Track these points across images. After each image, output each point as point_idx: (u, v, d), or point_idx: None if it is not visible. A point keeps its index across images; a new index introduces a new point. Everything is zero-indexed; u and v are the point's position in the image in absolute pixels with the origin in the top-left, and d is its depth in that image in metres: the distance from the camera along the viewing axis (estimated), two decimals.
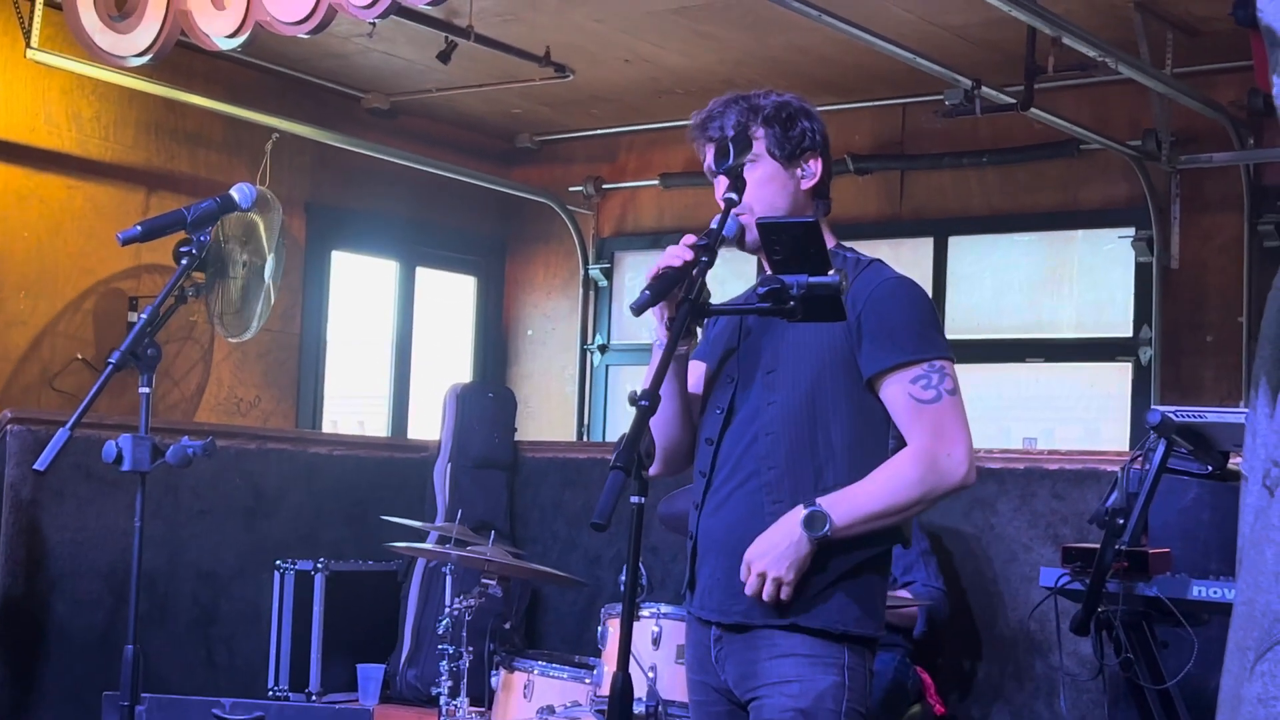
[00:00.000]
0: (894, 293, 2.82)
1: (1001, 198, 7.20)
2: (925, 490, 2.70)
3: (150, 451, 3.14)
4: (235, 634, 5.47)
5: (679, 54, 6.80)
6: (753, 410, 2.78)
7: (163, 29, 4.95)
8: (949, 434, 2.72)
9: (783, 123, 2.86)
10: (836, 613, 2.70)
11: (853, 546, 2.70)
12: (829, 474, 2.72)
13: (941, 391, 2.75)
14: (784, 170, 2.87)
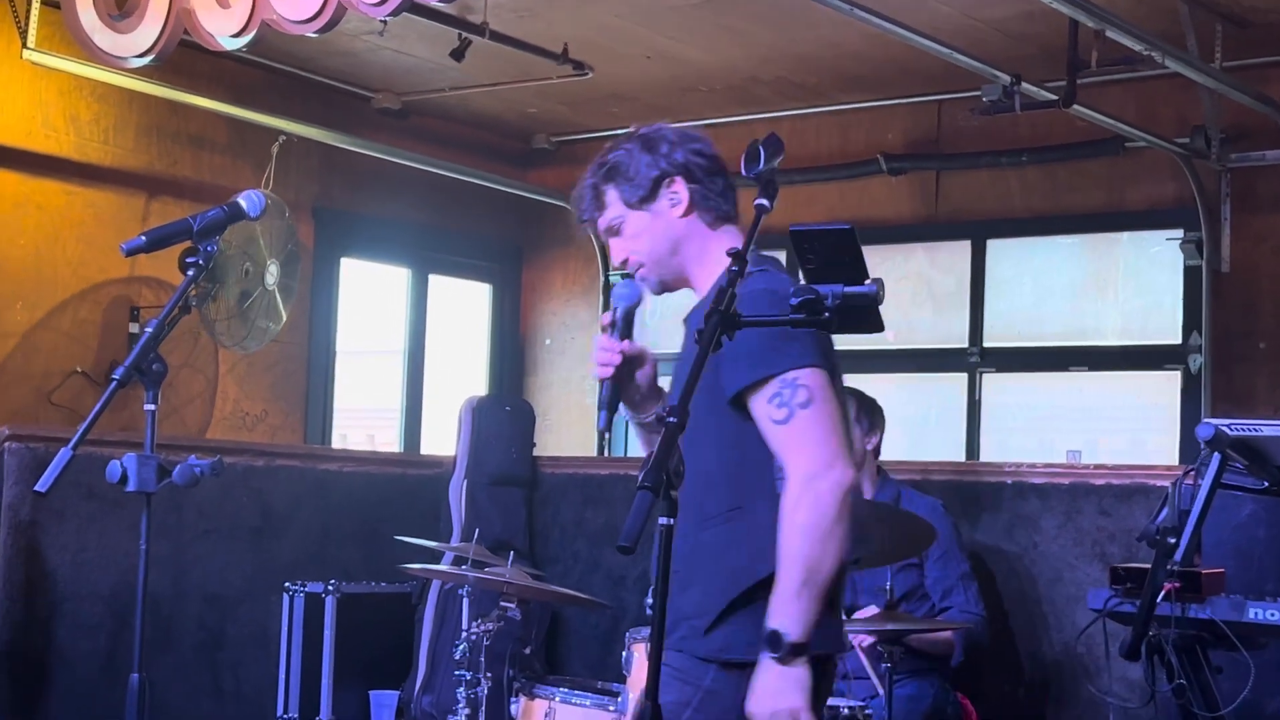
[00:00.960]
0: (749, 304, 2.71)
1: (1042, 198, 7.18)
2: (820, 523, 2.69)
3: (156, 471, 3.15)
4: (243, 659, 5.48)
5: (702, 50, 6.80)
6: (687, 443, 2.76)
7: (165, 28, 4.97)
8: (809, 451, 2.71)
9: (622, 173, 3.00)
10: (720, 640, 2.76)
11: (741, 576, 2.74)
12: (710, 503, 2.79)
13: (794, 408, 2.74)
14: (647, 214, 2.99)
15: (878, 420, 4.92)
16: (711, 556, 2.80)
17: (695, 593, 2.80)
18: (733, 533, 2.80)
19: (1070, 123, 6.54)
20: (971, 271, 7.32)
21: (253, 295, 6.61)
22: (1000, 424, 7.27)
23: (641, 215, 3.01)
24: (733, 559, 2.78)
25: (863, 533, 2.92)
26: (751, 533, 2.77)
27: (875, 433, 4.89)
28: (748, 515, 2.80)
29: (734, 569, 2.77)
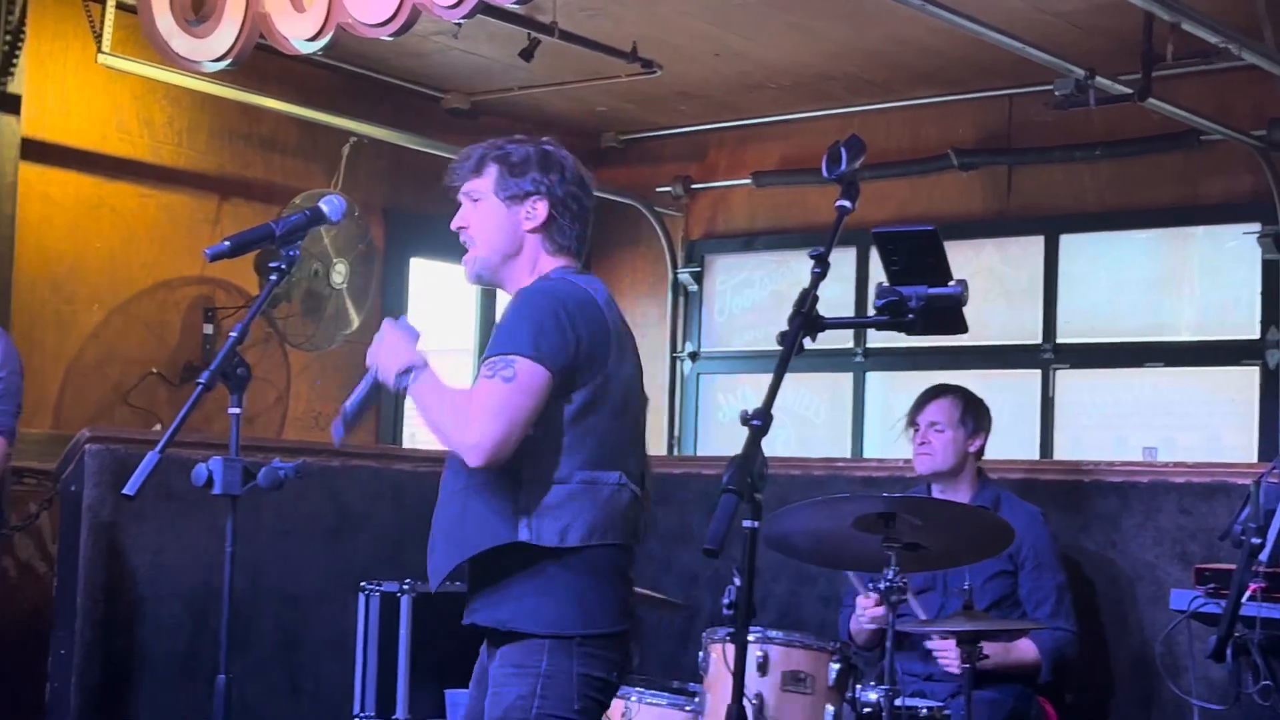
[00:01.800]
0: (517, 302, 3.17)
1: (1116, 193, 7.13)
2: (454, 429, 3.05)
3: (241, 474, 3.21)
4: (320, 659, 5.53)
5: (771, 47, 6.80)
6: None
7: (241, 32, 5.03)
8: (476, 416, 3.01)
9: (510, 166, 3.25)
10: (529, 615, 3.09)
11: (540, 554, 3.08)
12: (455, 479, 3.15)
13: (495, 374, 3.04)
14: (505, 210, 3.24)
15: (984, 423, 4.89)
16: (446, 526, 3.18)
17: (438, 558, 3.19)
18: (468, 503, 3.12)
19: (1144, 116, 6.49)
20: (1044, 267, 7.28)
21: (321, 295, 6.68)
22: (1074, 421, 7.22)
23: (499, 207, 3.24)
24: (469, 527, 3.12)
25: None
26: (489, 503, 3.09)
27: (979, 435, 4.86)
28: (483, 489, 3.10)
29: (467, 537, 3.12)
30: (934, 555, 4.15)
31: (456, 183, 3.29)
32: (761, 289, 8.14)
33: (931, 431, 4.83)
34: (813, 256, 2.71)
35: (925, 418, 4.87)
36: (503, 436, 3.00)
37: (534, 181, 3.24)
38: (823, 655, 4.17)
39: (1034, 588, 4.71)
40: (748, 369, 8.08)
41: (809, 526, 4.18)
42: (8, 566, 5.72)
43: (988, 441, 4.92)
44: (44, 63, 6.25)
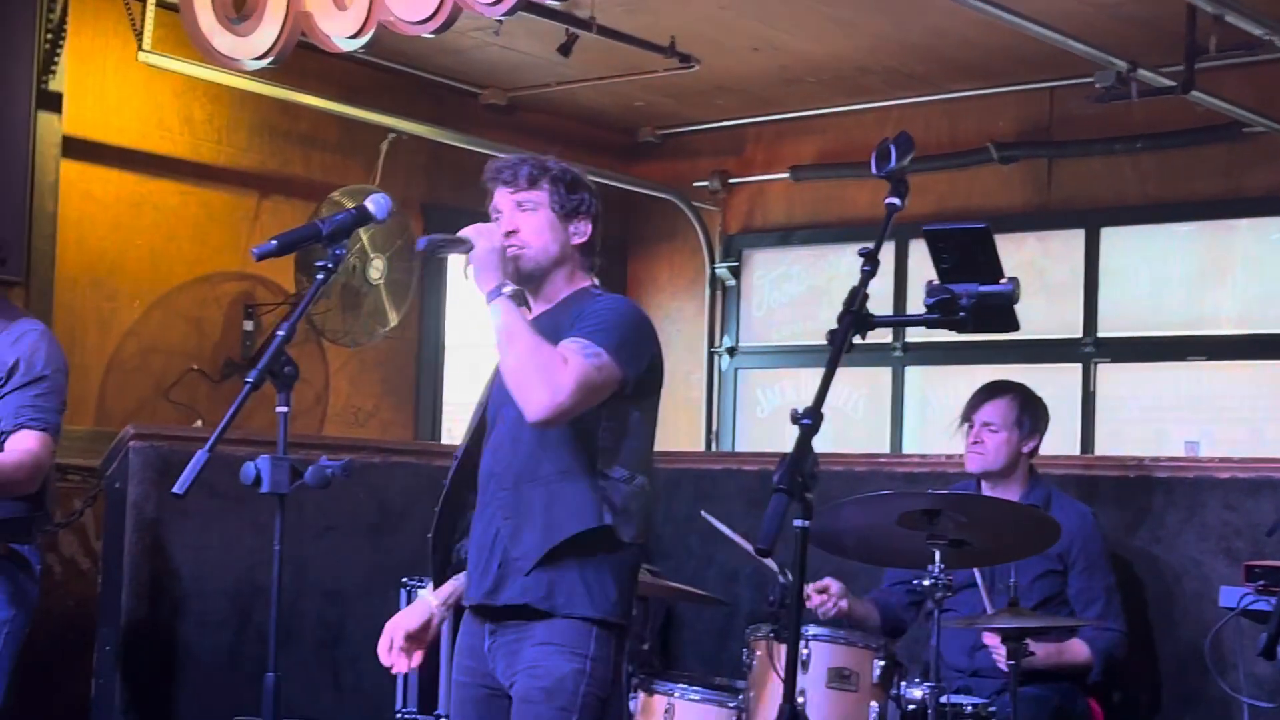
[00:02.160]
0: (610, 303, 3.31)
1: (1158, 185, 7.09)
2: (538, 372, 3.14)
3: (289, 473, 3.20)
4: (362, 655, 5.52)
5: (810, 40, 6.78)
6: (508, 425, 3.31)
7: (283, 31, 5.04)
8: (563, 375, 3.12)
9: (567, 183, 3.38)
10: (584, 599, 3.21)
11: (601, 544, 3.21)
12: (544, 466, 3.24)
13: (586, 355, 3.16)
14: (560, 223, 3.36)
15: (1040, 423, 4.81)
16: (537, 510, 3.23)
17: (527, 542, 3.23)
18: (561, 490, 3.22)
19: (1186, 108, 6.45)
20: (1085, 260, 7.24)
21: (358, 291, 6.69)
22: (1115, 415, 7.18)
23: (554, 219, 3.36)
24: (560, 511, 3.22)
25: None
26: (579, 492, 3.22)
27: (1035, 436, 4.77)
28: (575, 478, 3.23)
29: (559, 519, 3.22)
30: (979, 552, 4.13)
31: (510, 190, 3.38)
32: (799, 283, 8.12)
33: (985, 431, 4.75)
34: (862, 254, 2.70)
35: (980, 416, 4.77)
36: (572, 408, 3.14)
37: (585, 202, 3.40)
38: (867, 652, 4.15)
39: (1084, 588, 4.66)
40: (786, 364, 8.06)
41: (853, 523, 4.16)
42: (52, 563, 5.75)
43: (1041, 442, 4.85)
44: (85, 61, 6.28)
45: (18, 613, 4.16)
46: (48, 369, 4.13)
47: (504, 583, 3.25)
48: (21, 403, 4.07)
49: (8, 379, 4.08)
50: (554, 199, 3.36)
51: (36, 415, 4.07)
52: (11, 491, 4.07)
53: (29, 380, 4.09)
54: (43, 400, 4.10)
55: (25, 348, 4.12)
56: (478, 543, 3.35)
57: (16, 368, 4.09)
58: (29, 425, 4.06)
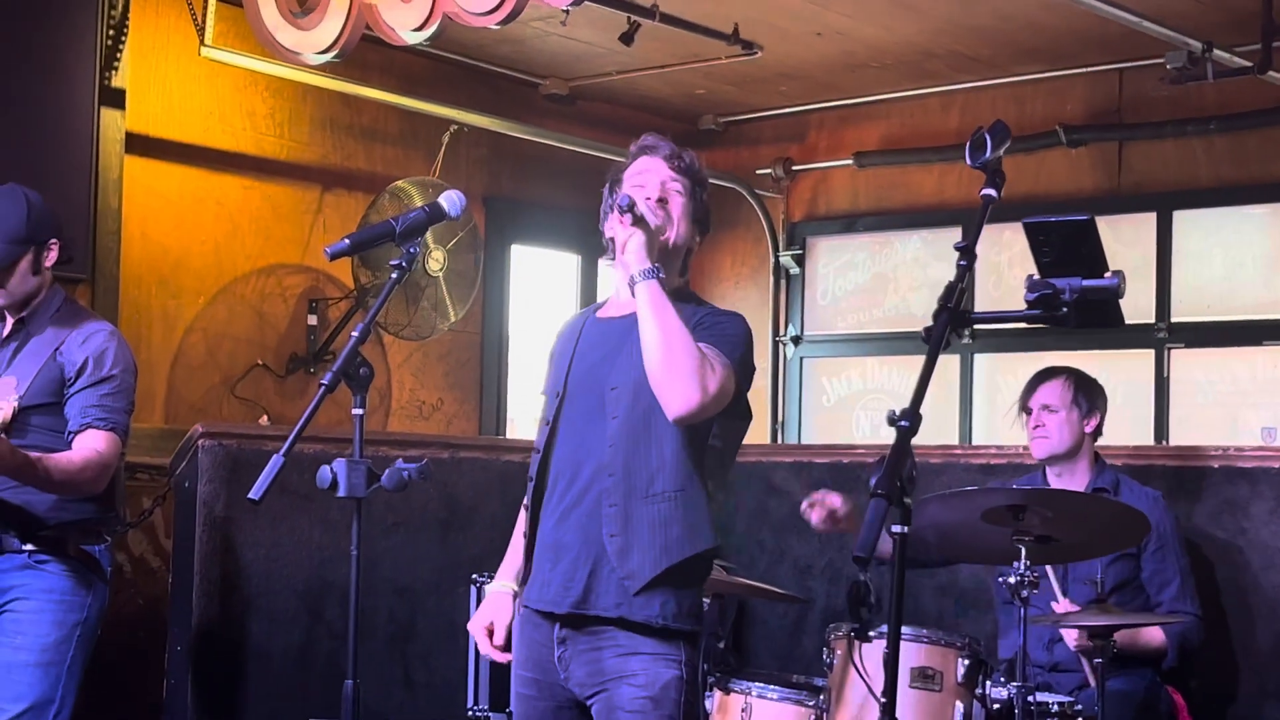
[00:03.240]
0: (730, 318, 3.28)
1: (1231, 167, 6.92)
2: (687, 360, 3.08)
3: (366, 476, 3.13)
4: (432, 651, 5.48)
5: (875, 25, 6.66)
6: (594, 423, 3.21)
7: (346, 24, 4.97)
8: (710, 371, 3.09)
9: (705, 194, 3.37)
10: (677, 611, 3.16)
11: (681, 544, 3.15)
12: (659, 481, 3.15)
13: (724, 364, 3.13)
14: (691, 220, 3.33)
15: (1098, 402, 4.73)
16: (653, 528, 3.15)
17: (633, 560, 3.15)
18: (677, 509, 3.15)
19: (1259, 88, 6.30)
20: (1157, 244, 7.09)
21: (418, 284, 6.62)
22: (1190, 401, 7.04)
23: (691, 212, 3.31)
24: (677, 531, 3.15)
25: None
26: (695, 510, 3.17)
27: (1095, 415, 4.71)
28: (691, 495, 3.17)
29: (675, 540, 3.15)
30: (1065, 547, 4.03)
31: (668, 164, 3.32)
32: (864, 271, 8.00)
33: (1045, 414, 4.69)
34: (958, 248, 2.59)
35: (1037, 401, 4.72)
36: (712, 410, 3.11)
37: (709, 217, 3.40)
38: (951, 651, 4.05)
39: (1157, 569, 4.58)
40: (852, 352, 7.95)
41: (936, 520, 4.06)
42: (122, 562, 5.72)
43: (1104, 422, 4.77)
44: (147, 57, 6.23)
45: (89, 615, 4.12)
46: (115, 369, 4.09)
47: (596, 593, 3.17)
48: (89, 402, 4.04)
49: (76, 378, 4.05)
50: (695, 196, 3.33)
51: (104, 415, 4.03)
52: (78, 492, 4.03)
53: (97, 380, 4.06)
54: (110, 400, 4.06)
55: (94, 347, 4.09)
56: (558, 546, 3.23)
57: (85, 367, 4.05)
58: (96, 425, 4.02)
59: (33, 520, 4.03)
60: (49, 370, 4.05)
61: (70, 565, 4.08)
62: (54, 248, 4.14)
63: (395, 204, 6.53)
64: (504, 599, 3.42)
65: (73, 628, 4.08)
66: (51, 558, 4.06)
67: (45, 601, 4.06)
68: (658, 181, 3.28)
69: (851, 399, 7.91)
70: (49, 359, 4.06)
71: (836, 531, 4.43)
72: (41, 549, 4.05)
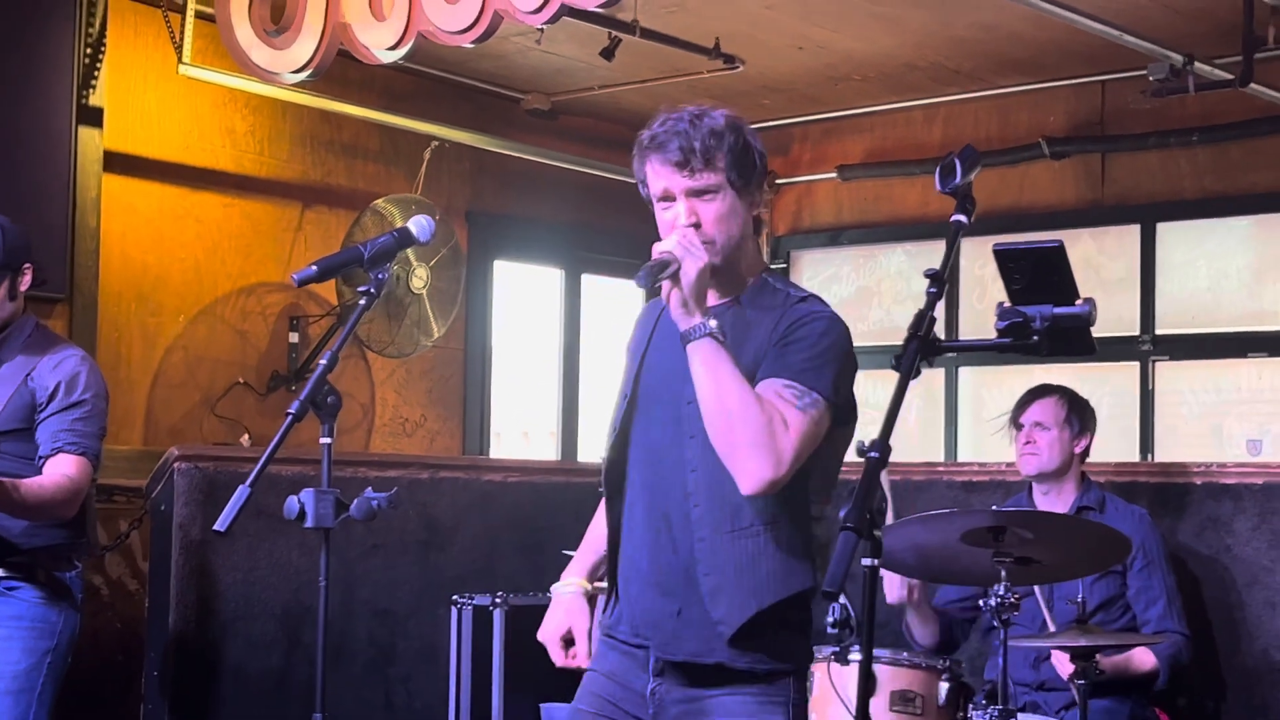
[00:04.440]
0: (821, 325, 2.84)
1: (1214, 179, 6.90)
2: (750, 432, 2.70)
3: (334, 507, 3.10)
4: (413, 674, 5.43)
5: (855, 38, 6.63)
6: (671, 440, 2.85)
7: (321, 42, 4.93)
8: (780, 439, 2.70)
9: (741, 149, 2.85)
10: (785, 652, 2.83)
11: (773, 585, 2.78)
12: (746, 513, 2.78)
13: (802, 407, 2.74)
14: (742, 201, 2.87)
15: (1089, 423, 4.71)
16: (740, 567, 2.79)
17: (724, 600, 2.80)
18: (768, 544, 2.79)
19: (1242, 99, 6.27)
20: (1141, 256, 7.07)
21: (401, 301, 6.58)
22: (1174, 413, 7.01)
23: (735, 201, 2.85)
24: (769, 569, 2.79)
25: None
26: (789, 545, 2.80)
27: (1085, 435, 4.69)
28: (785, 527, 2.81)
29: (766, 580, 2.79)
30: (1047, 568, 3.98)
31: (684, 175, 2.82)
32: (849, 284, 7.97)
33: (1036, 431, 4.67)
34: (929, 275, 2.54)
35: (1029, 417, 4.70)
36: (788, 472, 2.71)
37: (759, 165, 2.89)
38: (932, 674, 3.99)
39: (1143, 587, 4.54)
40: None
41: (915, 541, 4.01)
42: (99, 585, 5.67)
43: (1092, 443, 4.74)
44: (125, 75, 6.19)
45: (60, 642, 4.08)
46: (87, 393, 4.05)
47: (683, 637, 2.82)
48: (60, 426, 4.00)
49: (48, 403, 4.02)
50: (733, 174, 2.82)
51: (75, 440, 4.00)
52: (50, 517, 3.99)
53: (68, 405, 4.03)
54: (81, 425, 4.03)
55: (65, 372, 4.06)
56: (647, 577, 2.88)
57: (57, 392, 4.03)
58: (67, 450, 3.98)
59: (3, 546, 3.99)
60: (20, 396, 4.02)
61: (41, 591, 4.05)
62: (27, 272, 4.10)
63: (379, 222, 6.50)
64: (578, 602, 3.05)
65: (43, 655, 4.04)
66: (22, 584, 4.03)
67: (15, 629, 4.02)
68: (683, 202, 2.82)
69: None
70: (20, 384, 4.03)
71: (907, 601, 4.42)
72: (11, 575, 4.02)
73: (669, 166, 2.83)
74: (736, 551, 2.78)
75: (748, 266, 2.92)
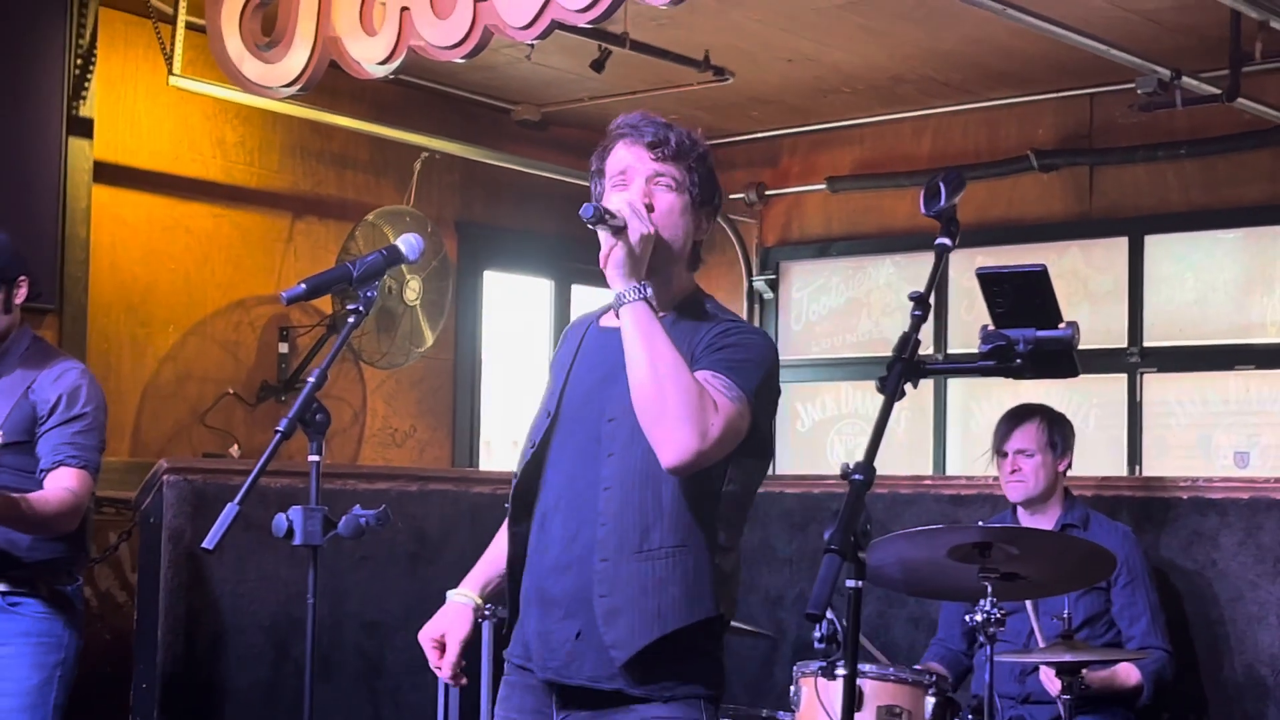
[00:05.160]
0: (750, 336, 2.84)
1: (1202, 192, 6.93)
2: (682, 400, 2.65)
3: (322, 524, 3.11)
4: (402, 686, 5.44)
5: (845, 51, 6.66)
6: (588, 458, 2.80)
7: (312, 56, 4.94)
8: (710, 414, 2.66)
9: (708, 170, 2.90)
10: (696, 677, 2.75)
11: (676, 610, 2.72)
12: (655, 535, 2.73)
13: (733, 398, 2.70)
14: (690, 209, 2.86)
15: (1070, 440, 4.74)
16: (644, 590, 2.73)
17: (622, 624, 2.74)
18: (675, 568, 2.73)
19: (1230, 113, 6.30)
20: (1129, 269, 7.09)
21: (394, 312, 6.60)
22: (1162, 425, 7.04)
23: (689, 206, 2.86)
24: (674, 594, 2.73)
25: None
26: (695, 570, 2.74)
27: (1067, 454, 4.72)
28: (693, 553, 2.75)
29: (669, 606, 2.73)
30: (1032, 584, 4.00)
31: (651, 156, 2.83)
32: (838, 295, 7.99)
33: (1021, 458, 4.69)
34: (912, 299, 2.56)
35: (1012, 445, 4.71)
36: (713, 457, 2.67)
37: (718, 193, 2.94)
38: (919, 689, 4.03)
39: (1127, 604, 4.57)
40: (826, 377, 7.93)
41: (902, 556, 4.04)
42: (88, 596, 5.66)
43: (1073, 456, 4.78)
44: (115, 86, 6.20)
45: (68, 655, 4.09)
46: (88, 406, 4.07)
47: (580, 660, 2.76)
48: (61, 439, 4.01)
49: (49, 416, 4.03)
50: (693, 181, 2.85)
51: (76, 453, 4.01)
52: (52, 531, 4.00)
53: (69, 418, 4.04)
54: (83, 438, 4.04)
55: (66, 385, 4.07)
56: (544, 600, 2.81)
57: (58, 405, 4.04)
58: (68, 463, 4.00)
59: (7, 560, 3.99)
60: (21, 409, 4.02)
61: (45, 606, 4.05)
62: (23, 285, 4.10)
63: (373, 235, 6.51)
64: (463, 611, 3.05)
65: (53, 669, 4.03)
66: (25, 598, 4.03)
67: (23, 645, 4.02)
68: (642, 181, 2.82)
69: (825, 424, 7.89)
70: (21, 397, 4.03)
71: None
72: (14, 590, 4.01)
73: (639, 146, 2.85)
74: (641, 574, 2.72)
75: (680, 287, 2.89)
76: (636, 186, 2.82)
